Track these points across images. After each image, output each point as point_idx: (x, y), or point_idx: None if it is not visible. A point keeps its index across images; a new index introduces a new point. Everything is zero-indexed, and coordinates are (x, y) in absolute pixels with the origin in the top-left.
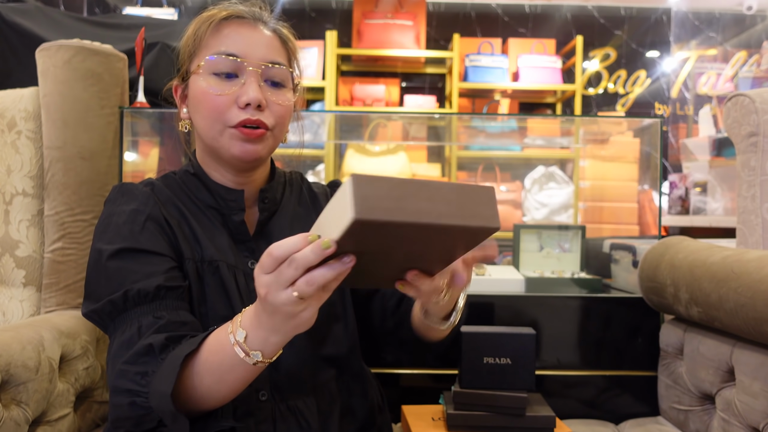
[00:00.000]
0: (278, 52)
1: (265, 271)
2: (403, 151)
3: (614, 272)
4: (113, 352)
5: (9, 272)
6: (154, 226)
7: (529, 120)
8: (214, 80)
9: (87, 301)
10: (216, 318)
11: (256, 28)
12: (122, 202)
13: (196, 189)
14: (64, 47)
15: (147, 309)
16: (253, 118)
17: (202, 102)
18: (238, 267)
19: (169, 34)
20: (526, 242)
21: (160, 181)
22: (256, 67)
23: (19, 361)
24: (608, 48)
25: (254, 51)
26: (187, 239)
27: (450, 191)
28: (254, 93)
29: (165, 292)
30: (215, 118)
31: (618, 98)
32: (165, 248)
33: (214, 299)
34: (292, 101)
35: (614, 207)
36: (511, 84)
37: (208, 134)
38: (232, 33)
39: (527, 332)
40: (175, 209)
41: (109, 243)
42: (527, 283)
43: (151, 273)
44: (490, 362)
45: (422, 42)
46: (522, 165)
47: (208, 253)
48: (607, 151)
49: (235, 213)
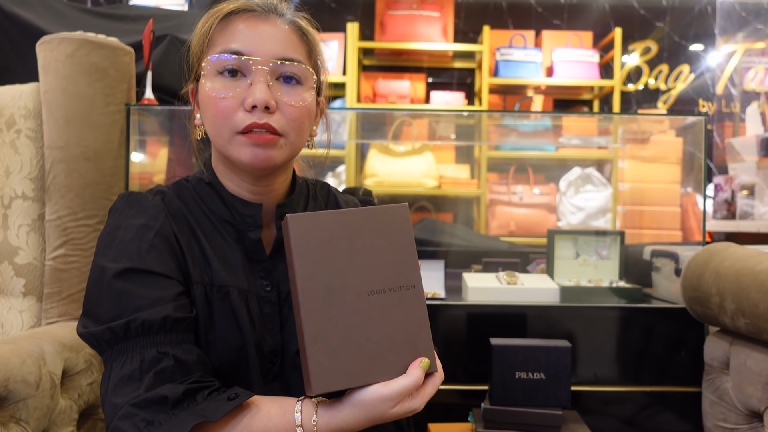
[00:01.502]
0: (294, 47)
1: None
2: (429, 151)
3: (655, 281)
4: (111, 385)
5: (8, 281)
6: (163, 244)
7: (565, 118)
8: (219, 81)
9: (85, 319)
10: (224, 348)
11: (268, 21)
12: (129, 215)
13: (210, 200)
14: (66, 40)
15: (151, 341)
16: (261, 122)
17: (209, 106)
18: (250, 291)
19: (179, 25)
20: (561, 249)
21: (171, 189)
22: (264, 64)
23: (18, 375)
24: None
25: (264, 47)
26: (197, 260)
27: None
28: (260, 93)
29: (172, 324)
30: (222, 123)
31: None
32: (173, 270)
33: (223, 328)
34: (309, 101)
35: (655, 211)
36: (545, 79)
37: (218, 141)
38: (240, 28)
39: (562, 345)
40: (185, 224)
41: (113, 260)
42: (562, 292)
43: (157, 299)
44: (522, 377)
45: (450, 34)
46: (557, 166)
47: (219, 278)
48: (647, 152)
49: (251, 229)
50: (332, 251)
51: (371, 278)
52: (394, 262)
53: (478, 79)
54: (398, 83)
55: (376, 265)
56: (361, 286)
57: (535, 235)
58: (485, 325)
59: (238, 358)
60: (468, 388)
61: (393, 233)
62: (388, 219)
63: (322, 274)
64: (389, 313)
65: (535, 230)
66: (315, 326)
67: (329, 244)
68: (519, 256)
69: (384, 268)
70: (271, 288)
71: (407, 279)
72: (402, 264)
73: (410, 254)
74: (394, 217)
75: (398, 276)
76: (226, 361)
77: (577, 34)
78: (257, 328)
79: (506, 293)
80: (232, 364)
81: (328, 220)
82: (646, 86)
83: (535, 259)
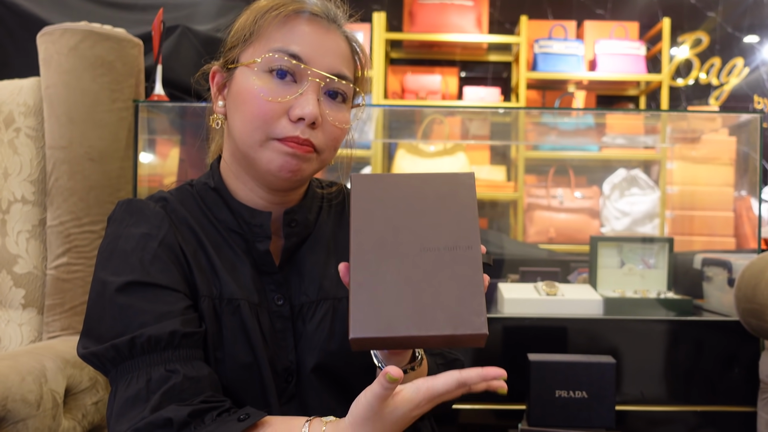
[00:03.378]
0: (347, 64)
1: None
2: (462, 151)
3: (706, 292)
4: (117, 407)
5: (6, 292)
6: (168, 254)
7: (608, 115)
8: (267, 81)
9: (86, 339)
10: (234, 366)
11: (330, 31)
12: (130, 223)
13: (215, 207)
14: (69, 31)
15: (158, 358)
16: (303, 137)
17: (247, 103)
18: (261, 305)
19: (192, 15)
20: (604, 257)
21: (174, 195)
22: (320, 77)
23: (17, 394)
24: (700, 32)
25: (323, 57)
26: (204, 271)
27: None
28: (311, 108)
29: (180, 340)
30: (258, 125)
31: (711, 90)
32: (179, 282)
33: (233, 344)
34: (349, 124)
35: (707, 216)
36: (588, 74)
37: (246, 141)
38: (304, 30)
39: (606, 361)
40: (190, 233)
41: (114, 274)
42: (606, 304)
43: (163, 314)
44: (563, 396)
45: (484, 25)
46: (600, 167)
47: (228, 290)
48: (698, 152)
49: (259, 240)
50: (389, 208)
51: (426, 236)
52: (453, 222)
53: (515, 73)
54: (428, 78)
55: (432, 224)
56: (414, 242)
57: (577, 242)
58: (522, 339)
59: (249, 377)
60: (504, 407)
61: (455, 197)
62: (453, 184)
63: (376, 228)
64: (440, 270)
65: (576, 237)
66: (361, 275)
67: (388, 201)
68: (559, 264)
69: (440, 228)
70: (283, 302)
71: (464, 240)
72: (460, 225)
73: (470, 218)
74: (459, 183)
75: (454, 236)
76: (237, 380)
77: (622, 25)
78: (269, 344)
79: (545, 305)
80: (243, 384)
81: (392, 180)
82: (696, 81)
83: (577, 268)
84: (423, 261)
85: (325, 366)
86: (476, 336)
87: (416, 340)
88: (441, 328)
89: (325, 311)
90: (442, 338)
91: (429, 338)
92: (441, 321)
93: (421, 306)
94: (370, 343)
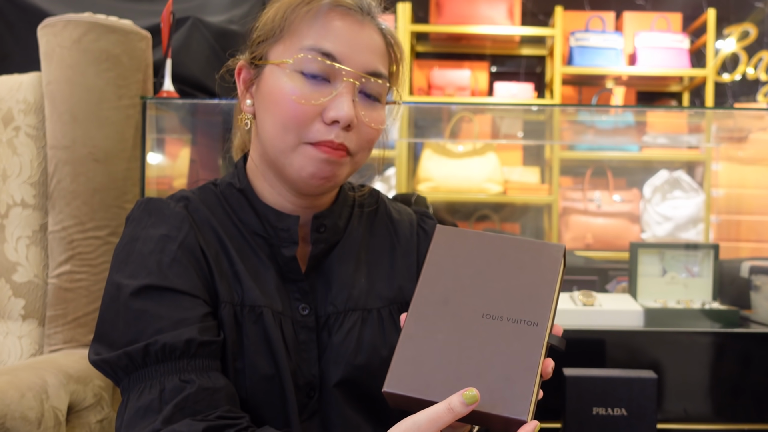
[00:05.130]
0: (382, 60)
1: None
2: (492, 151)
3: (755, 302)
4: (128, 418)
5: (5, 302)
6: (188, 257)
7: (649, 113)
8: (299, 82)
9: (98, 345)
10: (254, 377)
11: (365, 25)
12: (149, 224)
13: (240, 209)
14: (73, 23)
15: (172, 368)
16: (338, 141)
17: (278, 104)
18: (285, 314)
19: (203, 6)
20: (645, 265)
21: (196, 194)
22: (355, 77)
23: (17, 411)
24: (747, 24)
25: (357, 55)
26: (225, 276)
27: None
28: (346, 110)
29: (197, 349)
30: (290, 128)
31: (759, 86)
32: (198, 288)
33: (254, 353)
34: (385, 124)
35: (755, 221)
36: (627, 68)
37: (277, 146)
38: (337, 26)
39: (647, 376)
40: (213, 235)
41: (130, 277)
42: (647, 315)
43: (180, 321)
44: (600, 413)
45: (517, 17)
46: (640, 169)
47: (251, 296)
48: (745, 152)
49: (285, 245)
50: (464, 266)
51: (492, 302)
52: (525, 294)
53: (550, 68)
54: (457, 73)
55: (502, 291)
56: (477, 306)
57: (616, 249)
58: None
59: (270, 390)
60: None
61: (536, 268)
62: (538, 254)
63: (444, 284)
64: (496, 341)
65: (615, 243)
66: (414, 328)
67: (464, 259)
68: (597, 273)
69: (510, 297)
70: (308, 311)
71: (532, 315)
72: (532, 298)
73: (546, 293)
74: (545, 253)
75: (522, 309)
76: (257, 392)
77: (663, 16)
78: (292, 356)
79: (582, 316)
80: (264, 396)
81: (475, 239)
82: (743, 76)
83: (616, 277)
84: (481, 328)
85: (350, 380)
86: (512, 420)
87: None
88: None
89: (353, 322)
90: (478, 414)
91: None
92: (480, 396)
93: (465, 375)
94: (403, 401)
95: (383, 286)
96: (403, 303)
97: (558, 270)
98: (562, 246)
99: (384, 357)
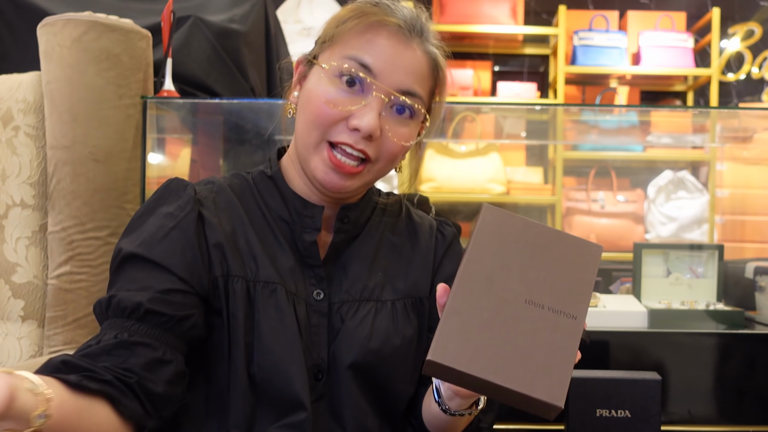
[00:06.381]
0: (420, 81)
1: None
2: (495, 151)
3: (759, 303)
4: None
5: (4, 303)
6: (180, 237)
7: (654, 113)
8: (335, 86)
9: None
10: (265, 353)
11: (409, 46)
12: (164, 202)
13: (268, 195)
14: (72, 22)
15: (120, 324)
16: (357, 147)
17: (312, 102)
18: (298, 295)
19: (204, 5)
20: (649, 265)
21: (226, 180)
22: (385, 93)
23: None
24: (752, 23)
25: (393, 73)
26: (239, 253)
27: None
28: (369, 122)
29: (143, 314)
30: (317, 125)
31: (764, 86)
32: (178, 266)
33: (266, 328)
34: (412, 140)
35: (760, 222)
36: (631, 68)
37: (304, 140)
38: (379, 42)
39: (651, 378)
40: (234, 216)
41: (129, 243)
42: (651, 316)
43: (145, 287)
44: (604, 415)
45: (520, 15)
46: (644, 169)
47: (265, 273)
48: (750, 152)
49: (307, 231)
50: (510, 249)
51: (536, 290)
52: (566, 287)
53: (553, 67)
54: (459, 72)
55: (546, 281)
56: (522, 291)
57: (620, 250)
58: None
59: (280, 368)
60: (542, 427)
61: (577, 264)
62: (579, 250)
63: (491, 263)
64: (538, 328)
65: (619, 244)
66: (460, 303)
67: (511, 242)
68: (600, 274)
69: (553, 288)
70: (323, 297)
71: (572, 308)
72: (572, 293)
73: (585, 290)
74: (586, 251)
75: (564, 301)
76: (267, 369)
77: (668, 15)
78: (304, 337)
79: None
80: (274, 374)
81: (522, 223)
82: (748, 75)
83: (620, 278)
84: (524, 313)
85: (362, 364)
86: (550, 406)
87: (490, 387)
88: (519, 385)
89: (368, 311)
90: (516, 395)
91: (503, 390)
92: (522, 378)
93: (508, 356)
94: (445, 372)
95: (399, 281)
96: (417, 298)
97: (596, 269)
98: (601, 247)
99: (397, 346)
